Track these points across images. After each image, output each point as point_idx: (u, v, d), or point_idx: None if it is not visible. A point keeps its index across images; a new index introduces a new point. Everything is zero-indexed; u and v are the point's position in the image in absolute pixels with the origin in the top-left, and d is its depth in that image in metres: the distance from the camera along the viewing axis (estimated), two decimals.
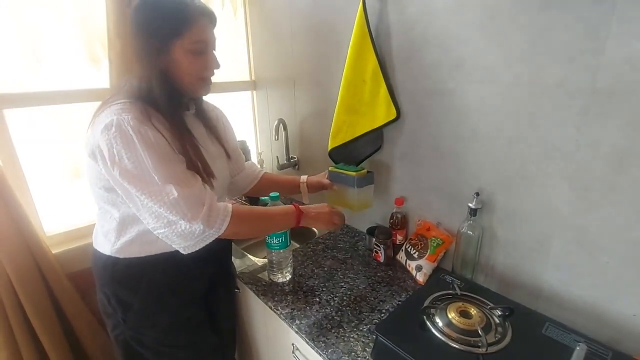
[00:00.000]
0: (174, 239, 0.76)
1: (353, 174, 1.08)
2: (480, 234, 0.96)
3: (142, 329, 0.93)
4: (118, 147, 0.73)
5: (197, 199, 0.76)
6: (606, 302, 0.80)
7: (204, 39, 0.81)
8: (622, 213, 0.74)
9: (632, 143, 0.70)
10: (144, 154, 0.73)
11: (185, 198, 0.74)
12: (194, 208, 0.75)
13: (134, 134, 0.73)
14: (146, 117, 0.77)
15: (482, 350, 0.70)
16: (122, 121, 0.74)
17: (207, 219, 0.76)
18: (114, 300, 0.92)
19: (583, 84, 0.73)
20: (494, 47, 0.85)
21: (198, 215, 0.75)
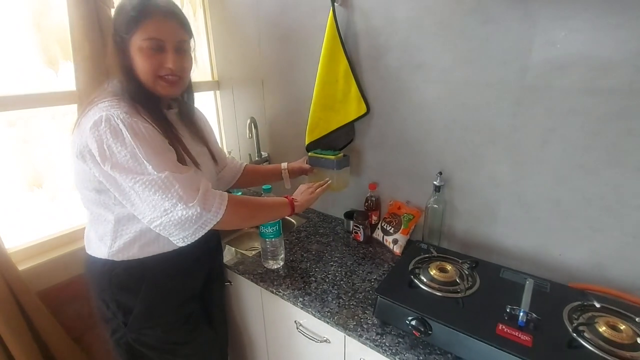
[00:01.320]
0: (172, 229, 0.76)
1: (332, 157, 1.22)
2: (444, 207, 1.16)
3: (144, 329, 0.95)
4: (108, 142, 0.74)
5: (192, 183, 0.77)
6: (541, 248, 1.04)
7: (159, 36, 0.80)
8: (546, 178, 0.98)
9: (552, 125, 0.93)
10: (135, 144, 0.74)
11: (180, 182, 0.75)
12: (190, 191, 0.75)
13: (123, 127, 0.75)
14: (135, 112, 0.80)
15: (462, 294, 0.88)
16: (111, 116, 0.75)
17: (203, 202, 0.76)
18: (113, 305, 0.92)
19: (515, 81, 0.95)
20: (447, 53, 1.04)
21: (194, 197, 0.75)
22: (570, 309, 0.82)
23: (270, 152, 1.67)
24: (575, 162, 0.93)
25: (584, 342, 0.73)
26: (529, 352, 0.71)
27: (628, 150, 0.86)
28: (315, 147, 1.34)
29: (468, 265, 0.97)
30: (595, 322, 0.77)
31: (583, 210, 0.95)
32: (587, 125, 0.89)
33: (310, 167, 1.28)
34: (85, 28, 1.12)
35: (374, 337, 0.87)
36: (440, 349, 0.83)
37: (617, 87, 0.83)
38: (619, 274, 0.94)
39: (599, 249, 0.95)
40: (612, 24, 0.80)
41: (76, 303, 1.29)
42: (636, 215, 0.88)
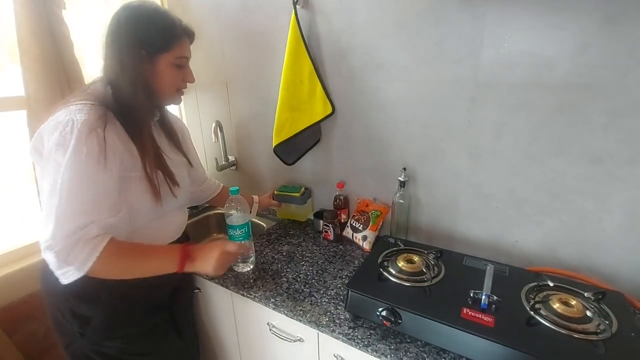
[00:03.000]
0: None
1: (297, 195, 1.38)
2: (409, 202, 1.20)
3: (104, 340, 0.90)
4: (52, 144, 0.74)
5: (72, 226, 0.71)
6: (499, 236, 1.10)
7: (186, 55, 0.90)
8: (501, 169, 1.05)
9: (503, 120, 1.00)
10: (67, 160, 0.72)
11: (59, 219, 0.71)
12: (60, 235, 0.70)
13: (74, 138, 0.73)
14: (101, 122, 0.77)
15: (428, 283, 0.91)
16: (72, 122, 0.74)
17: (66, 253, 0.71)
18: (68, 315, 0.88)
19: (469, 79, 1.01)
20: (406, 53, 1.09)
21: (56, 244, 0.70)
22: (527, 289, 0.88)
23: (237, 156, 1.65)
24: (525, 153, 0.99)
25: (540, 319, 0.78)
26: (492, 332, 0.75)
27: (570, 140, 0.93)
28: (283, 149, 1.34)
29: (433, 256, 1.01)
30: (550, 300, 0.82)
31: (534, 198, 1.02)
32: (533, 119, 0.96)
33: (278, 203, 1.40)
34: (33, 29, 1.06)
35: (346, 332, 0.88)
36: (410, 337, 0.85)
37: (558, 82, 0.90)
38: (568, 255, 1.02)
39: (550, 233, 1.02)
40: (550, 24, 0.87)
41: (33, 323, 1.20)
42: (580, 200, 0.96)
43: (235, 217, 1.08)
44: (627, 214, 0.92)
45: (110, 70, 0.83)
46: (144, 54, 0.82)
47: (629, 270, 0.95)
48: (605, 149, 0.90)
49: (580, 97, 0.89)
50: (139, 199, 0.86)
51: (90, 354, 0.90)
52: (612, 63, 0.84)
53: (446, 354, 0.81)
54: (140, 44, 0.81)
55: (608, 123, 0.88)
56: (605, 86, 0.86)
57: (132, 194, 0.84)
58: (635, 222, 0.92)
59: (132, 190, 0.84)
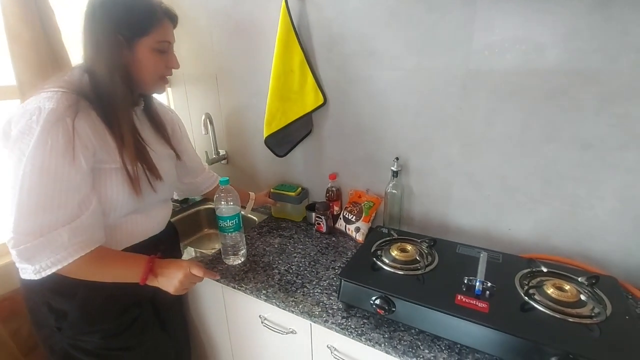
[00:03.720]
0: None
1: (293, 194, 1.35)
2: (402, 192, 1.19)
3: (81, 335, 0.87)
4: (17, 132, 0.69)
5: (36, 227, 0.68)
6: (492, 224, 1.10)
7: (168, 39, 0.84)
8: (493, 157, 1.04)
9: (495, 107, 0.99)
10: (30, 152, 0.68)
11: (23, 216, 0.68)
12: (24, 233, 0.68)
13: (39, 128, 0.68)
14: (71, 112, 0.72)
15: (422, 271, 0.90)
16: (39, 110, 0.69)
17: (29, 254, 0.69)
18: (44, 308, 0.84)
19: (460, 66, 1.00)
20: (398, 41, 1.07)
21: (20, 243, 0.68)
22: (521, 275, 0.87)
23: (228, 149, 1.62)
24: (517, 140, 0.99)
25: (535, 304, 0.77)
26: (486, 317, 0.74)
27: (561, 126, 0.93)
28: (274, 141, 1.32)
29: (427, 244, 1.00)
30: (544, 285, 0.82)
31: (526, 185, 1.01)
32: (525, 105, 0.95)
33: (274, 201, 1.38)
34: (23, 14, 1.02)
35: (339, 321, 0.86)
36: (404, 325, 0.84)
37: (549, 68, 0.90)
38: (561, 242, 1.01)
39: (543, 221, 1.02)
40: (541, 9, 0.87)
41: (16, 320, 1.17)
42: (571, 186, 0.96)
43: (225, 208, 1.05)
44: (618, 199, 0.92)
45: (88, 57, 0.79)
46: (121, 39, 0.77)
47: (622, 256, 0.95)
48: (597, 134, 0.90)
49: (572, 83, 0.89)
50: (116, 192, 0.82)
51: (68, 348, 0.87)
52: (603, 47, 0.84)
53: (440, 341, 0.79)
54: (117, 28, 0.76)
55: (599, 108, 0.88)
56: (596, 71, 0.86)
57: (108, 186, 0.80)
58: (627, 207, 0.92)
59: (108, 183, 0.80)
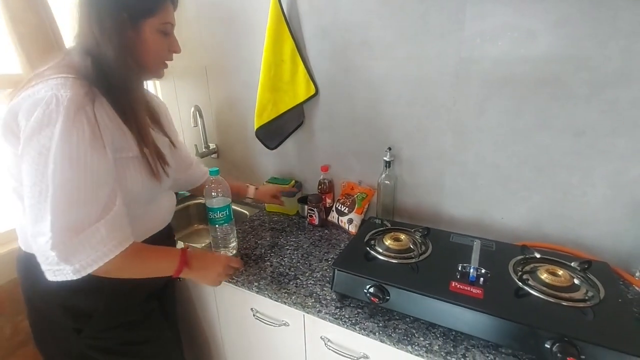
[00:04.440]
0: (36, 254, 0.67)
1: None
2: (395, 182, 1.18)
3: (103, 332, 0.84)
4: (35, 124, 0.64)
5: (76, 222, 0.65)
6: (485, 213, 1.10)
7: (171, 21, 0.82)
8: (485, 146, 1.04)
9: (487, 94, 0.99)
10: (56, 142, 0.64)
11: (58, 213, 0.63)
12: (61, 231, 0.64)
13: (61, 117, 0.64)
14: (89, 99, 0.68)
15: (416, 259, 0.89)
16: (56, 99, 0.64)
17: (69, 253, 0.64)
18: (60, 311, 0.80)
19: (452, 54, 1.00)
20: (389, 30, 1.06)
21: (60, 242, 0.63)
22: (515, 262, 0.87)
23: (218, 143, 1.59)
24: (509, 128, 0.99)
25: (529, 289, 0.77)
26: (481, 303, 0.73)
27: (553, 114, 0.93)
28: (265, 133, 1.30)
29: (420, 233, 0.99)
30: (537, 271, 0.81)
31: (519, 173, 1.01)
32: (517, 92, 0.95)
33: (281, 201, 1.28)
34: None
35: (333, 311, 0.85)
36: (399, 313, 0.83)
37: (540, 55, 0.90)
38: (553, 230, 1.02)
39: (535, 208, 1.02)
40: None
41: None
42: (564, 174, 0.96)
43: (215, 199, 1.03)
44: (609, 186, 0.92)
45: (88, 38, 0.73)
46: (126, 18, 0.73)
47: (612, 242, 0.96)
48: (588, 121, 0.90)
49: (563, 69, 0.89)
50: (136, 182, 0.79)
51: (85, 350, 0.84)
52: (593, 33, 0.84)
53: (435, 328, 0.79)
54: (122, 7, 0.72)
55: (590, 94, 0.88)
56: (587, 57, 0.86)
57: (127, 177, 0.77)
58: (618, 193, 0.92)
59: (128, 173, 0.77)
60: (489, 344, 0.74)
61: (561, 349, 0.64)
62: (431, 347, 0.74)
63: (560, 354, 0.64)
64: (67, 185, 0.65)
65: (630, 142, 0.88)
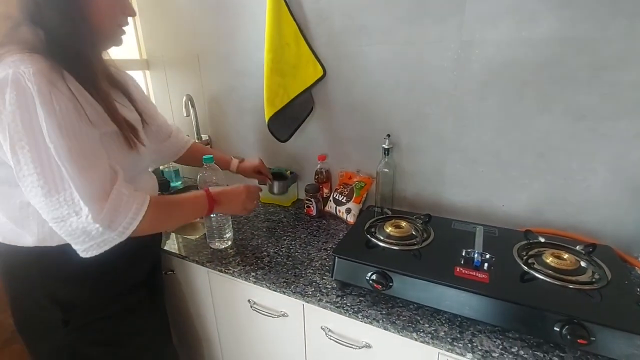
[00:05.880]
0: (67, 238, 0.65)
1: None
2: (394, 171, 1.16)
3: (90, 324, 0.80)
4: (12, 108, 0.59)
5: (100, 190, 0.64)
6: (485, 200, 1.08)
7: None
8: (486, 132, 1.02)
9: (488, 78, 0.97)
10: (45, 120, 0.60)
11: (83, 188, 0.62)
12: (94, 203, 0.62)
13: (35, 94, 0.60)
14: (57, 73, 0.64)
15: (418, 246, 0.87)
16: (20, 76, 0.59)
17: (109, 219, 0.64)
18: (46, 301, 0.76)
19: (453, 38, 0.98)
20: (388, 14, 1.04)
21: (98, 213, 0.63)
22: (519, 247, 0.85)
23: (211, 134, 1.55)
24: (511, 113, 0.97)
25: (535, 273, 0.75)
26: (487, 287, 0.72)
27: (554, 97, 0.92)
28: (277, 123, 1.21)
29: (421, 221, 0.97)
30: (542, 255, 0.80)
31: (520, 159, 1.00)
32: (519, 76, 0.94)
33: (270, 177, 1.25)
34: None
35: (334, 300, 0.82)
36: (403, 300, 0.80)
37: (542, 37, 0.89)
38: (554, 215, 1.01)
39: (536, 195, 1.01)
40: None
41: None
42: (564, 159, 0.95)
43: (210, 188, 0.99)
44: (610, 170, 0.92)
45: (29, 3, 0.65)
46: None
47: (613, 226, 0.95)
48: (589, 104, 0.89)
49: (564, 52, 0.88)
50: (118, 157, 0.74)
51: (75, 343, 0.79)
52: (595, 15, 0.83)
53: (440, 315, 0.76)
54: None
55: (591, 77, 0.87)
56: (589, 39, 0.85)
57: (110, 153, 0.72)
58: (619, 178, 0.91)
59: (108, 149, 0.72)
60: (495, 328, 0.72)
61: (571, 331, 0.63)
62: (437, 333, 0.72)
63: (570, 336, 0.63)
64: (77, 159, 0.62)
65: (631, 125, 0.87)
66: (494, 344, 0.69)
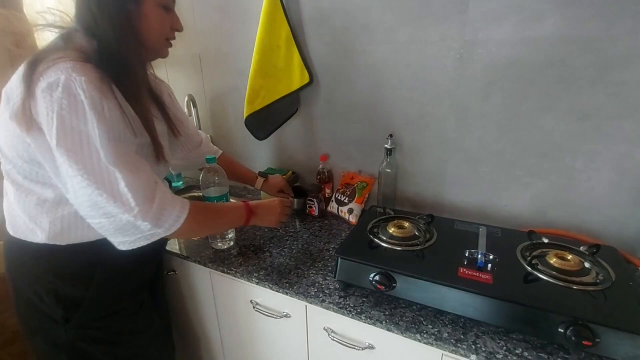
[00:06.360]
0: (112, 231, 0.67)
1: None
2: (396, 171, 1.15)
3: (92, 322, 0.81)
4: (61, 113, 0.61)
5: (147, 191, 0.67)
6: (488, 201, 1.08)
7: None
8: (489, 132, 1.02)
9: (491, 78, 0.97)
10: (94, 126, 0.62)
11: (133, 189, 0.65)
12: (143, 202, 0.66)
13: (85, 100, 0.62)
14: (106, 84, 0.66)
15: (421, 246, 0.86)
16: (72, 82, 0.61)
17: (157, 217, 0.67)
18: (50, 298, 0.77)
19: (456, 37, 0.98)
20: (390, 12, 1.04)
21: (148, 211, 0.66)
22: (522, 247, 0.85)
23: (212, 134, 1.55)
24: (514, 112, 0.97)
25: (538, 274, 0.75)
26: (491, 288, 0.71)
27: (558, 97, 0.91)
28: (254, 122, 1.23)
29: (424, 221, 0.96)
30: (546, 256, 0.80)
31: (523, 159, 1.00)
32: (523, 75, 0.93)
33: (292, 195, 1.24)
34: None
35: (337, 301, 0.82)
36: (406, 301, 0.80)
37: (546, 36, 0.88)
38: (557, 216, 1.00)
39: (539, 195, 1.01)
40: None
41: None
42: (568, 159, 0.95)
43: (212, 188, 0.99)
44: (615, 170, 0.91)
45: (87, 16, 0.69)
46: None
47: (617, 227, 0.95)
48: (594, 103, 0.89)
49: (569, 51, 0.87)
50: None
51: (74, 341, 0.80)
52: (600, 13, 0.82)
53: (444, 315, 0.76)
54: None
55: (596, 77, 0.87)
56: (594, 38, 0.84)
57: None
58: (623, 178, 0.91)
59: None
60: (499, 330, 0.72)
61: (576, 332, 0.62)
62: (440, 334, 0.72)
63: (574, 337, 0.62)
64: (125, 163, 0.65)
65: (636, 125, 0.86)
66: (498, 345, 0.69)
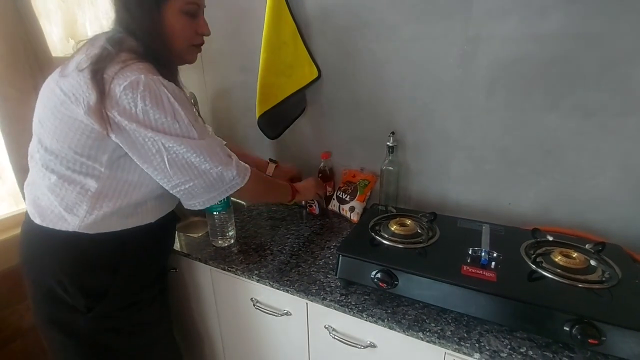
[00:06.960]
0: (199, 192, 0.77)
1: None
2: (398, 169, 1.14)
3: (116, 311, 0.82)
4: (146, 107, 0.68)
5: (226, 149, 0.81)
6: (491, 199, 1.07)
7: (197, 1, 0.79)
8: (493, 129, 1.01)
9: (495, 75, 0.96)
10: (179, 109, 0.72)
11: (220, 148, 0.78)
12: (229, 156, 0.80)
13: (164, 92, 0.70)
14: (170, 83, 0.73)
15: (424, 244, 0.86)
16: (152, 80, 0.69)
17: (237, 166, 0.80)
18: (73, 288, 0.77)
19: (459, 33, 0.97)
20: (394, 10, 1.03)
21: (231, 161, 0.79)
22: (526, 245, 0.84)
23: (214, 132, 1.54)
24: (518, 110, 0.96)
25: (543, 272, 0.74)
26: (495, 286, 0.71)
27: (563, 93, 0.90)
28: (267, 121, 1.23)
29: (426, 219, 0.96)
30: (551, 254, 0.79)
31: (527, 157, 0.99)
32: (527, 72, 0.92)
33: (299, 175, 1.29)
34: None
35: (338, 299, 0.81)
36: (408, 299, 0.79)
37: (550, 33, 0.87)
38: (562, 214, 0.99)
39: (544, 193, 1.00)
40: None
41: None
42: (572, 156, 0.94)
43: None
44: (620, 168, 0.90)
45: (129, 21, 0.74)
46: (151, 1, 0.73)
47: (621, 225, 0.93)
48: (598, 100, 0.88)
49: (574, 48, 0.86)
50: None
51: (94, 333, 0.81)
52: (605, 10, 0.82)
53: (447, 314, 0.75)
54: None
55: (601, 73, 0.86)
56: (599, 34, 0.83)
57: None
58: (628, 175, 0.90)
59: None
60: (503, 328, 0.71)
61: (581, 331, 0.61)
62: (443, 332, 0.71)
63: (580, 335, 0.61)
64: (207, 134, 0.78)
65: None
66: (502, 343, 0.68)
